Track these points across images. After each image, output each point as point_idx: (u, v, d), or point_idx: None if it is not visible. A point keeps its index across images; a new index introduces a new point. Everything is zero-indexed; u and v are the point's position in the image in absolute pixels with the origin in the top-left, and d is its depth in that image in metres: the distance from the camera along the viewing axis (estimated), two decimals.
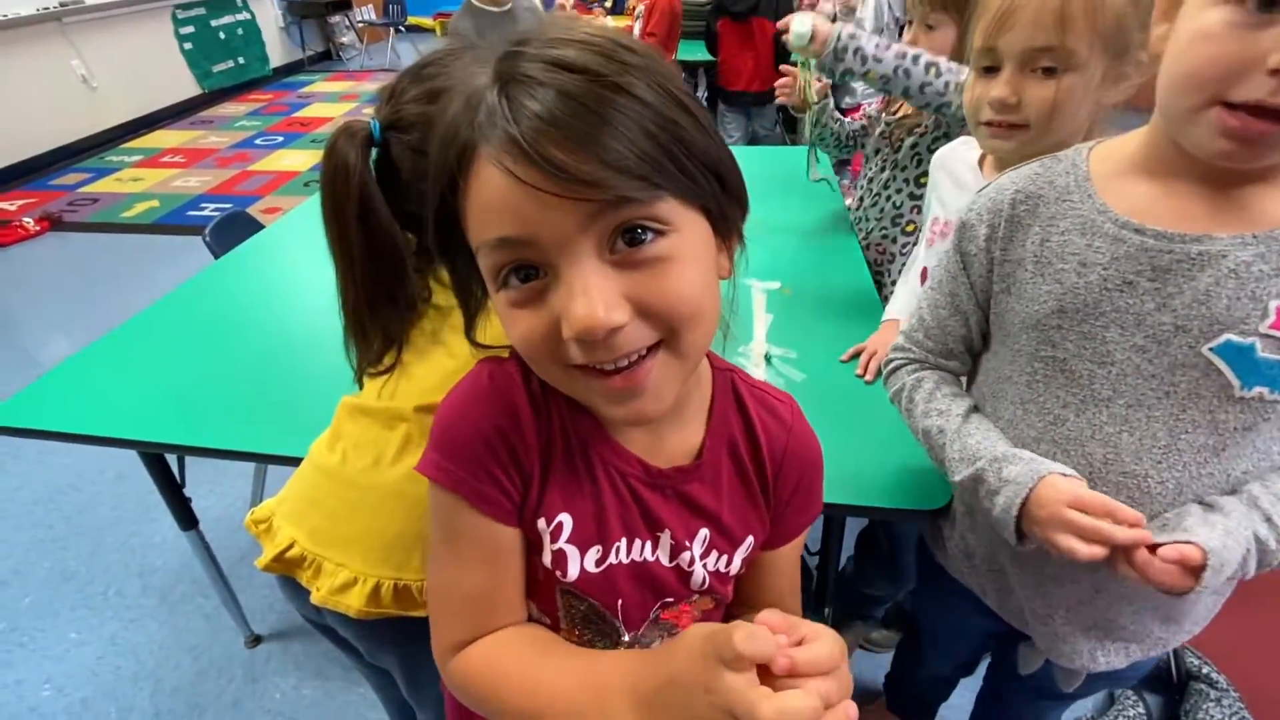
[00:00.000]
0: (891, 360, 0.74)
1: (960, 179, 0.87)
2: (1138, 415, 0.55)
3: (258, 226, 1.60)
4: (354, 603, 0.63)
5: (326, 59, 6.80)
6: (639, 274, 0.35)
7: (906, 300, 1.03)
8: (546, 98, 0.32)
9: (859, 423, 0.90)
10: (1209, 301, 0.50)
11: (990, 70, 0.72)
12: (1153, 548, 0.51)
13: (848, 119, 1.37)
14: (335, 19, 6.75)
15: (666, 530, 0.48)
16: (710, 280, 0.40)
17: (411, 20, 7.55)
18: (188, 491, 1.17)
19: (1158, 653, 0.68)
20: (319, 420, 0.72)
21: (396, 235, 0.55)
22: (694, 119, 0.36)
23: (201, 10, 5.30)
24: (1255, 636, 1.33)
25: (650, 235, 0.35)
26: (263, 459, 0.92)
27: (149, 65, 4.79)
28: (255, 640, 1.38)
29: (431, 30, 7.70)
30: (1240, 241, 0.49)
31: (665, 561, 0.48)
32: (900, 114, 1.20)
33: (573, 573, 0.46)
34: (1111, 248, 0.53)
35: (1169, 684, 1.24)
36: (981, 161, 0.85)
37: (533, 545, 0.46)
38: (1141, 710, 1.25)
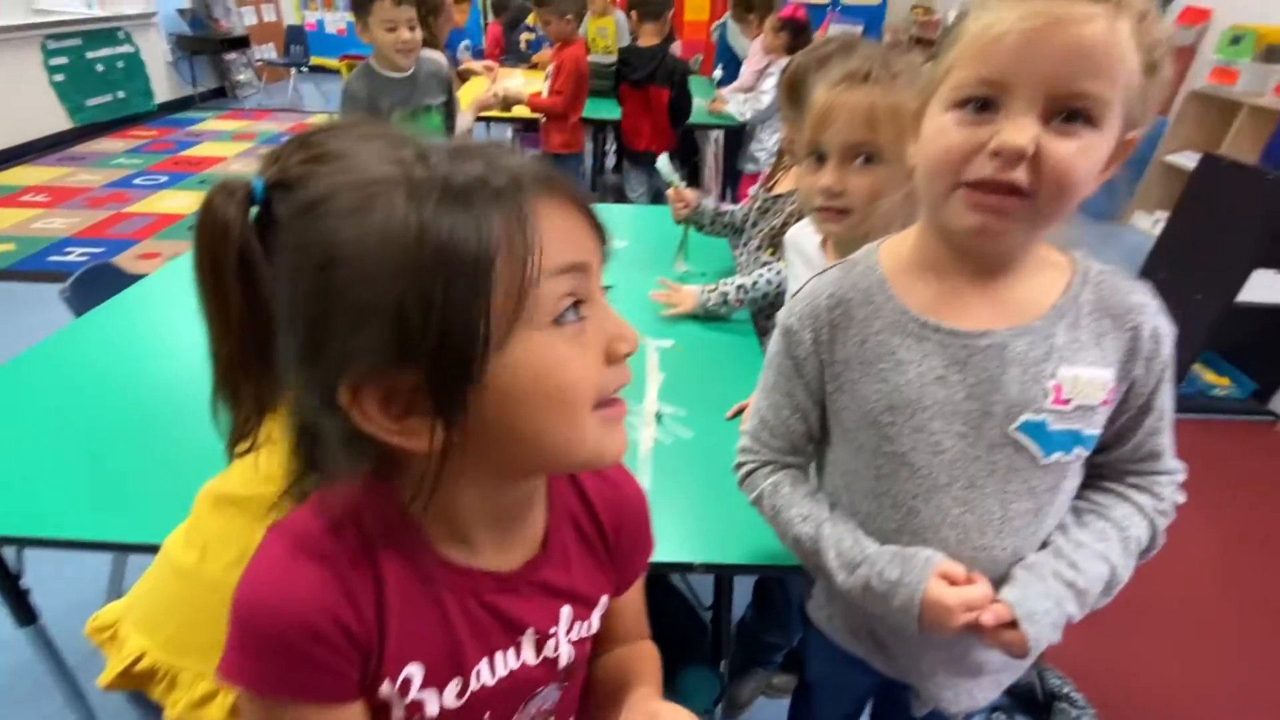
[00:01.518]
0: (743, 464, 0.76)
1: (810, 258, 0.96)
2: (973, 495, 0.61)
3: (126, 280, 1.49)
4: (216, 717, 0.59)
5: (220, 96, 6.49)
6: None
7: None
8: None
9: None
10: (1004, 388, 0.58)
11: (819, 160, 0.83)
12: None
13: (731, 207, 1.53)
14: (231, 56, 6.48)
15: (529, 628, 0.48)
16: None
17: (316, 61, 7.38)
18: (29, 580, 1.04)
19: (1023, 673, 0.76)
20: (187, 503, 0.67)
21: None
22: None
23: (77, 41, 4.94)
24: (1106, 657, 1.48)
25: None
26: (118, 548, 0.84)
27: (11, 96, 4.38)
28: None
29: (337, 71, 7.56)
30: (1014, 333, 0.58)
31: (532, 660, 0.49)
32: (775, 190, 1.31)
33: (431, 712, 0.45)
34: (919, 345, 0.60)
35: (1035, 704, 1.35)
36: (824, 243, 0.94)
37: (381, 707, 0.43)
38: None
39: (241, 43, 6.46)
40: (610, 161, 3.93)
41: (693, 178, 4.00)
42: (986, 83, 0.50)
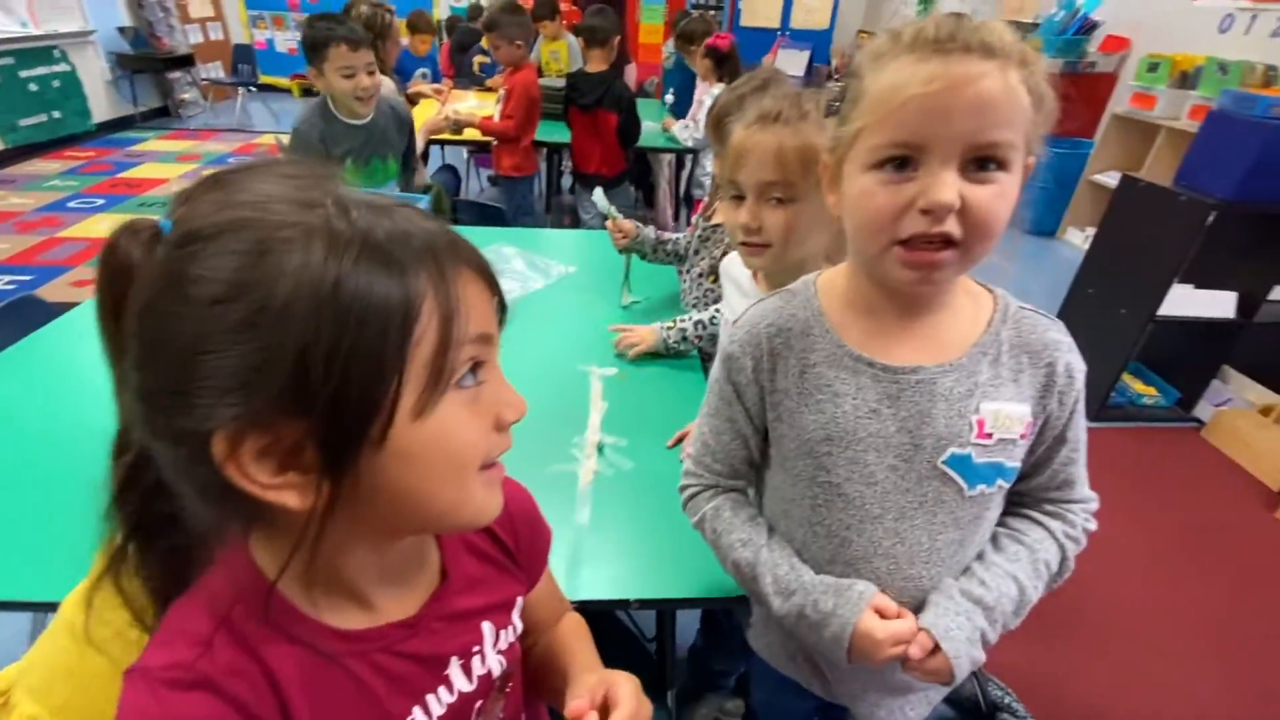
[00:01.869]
0: (686, 488, 0.77)
1: (743, 288, 0.99)
2: (904, 526, 0.63)
3: (50, 313, 1.42)
4: None
5: (164, 115, 6.30)
6: None
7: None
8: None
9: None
10: (932, 422, 0.60)
11: (738, 198, 0.86)
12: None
13: (673, 235, 1.55)
14: (175, 75, 6.31)
15: (452, 659, 0.48)
16: None
17: (265, 80, 7.25)
18: None
19: (953, 687, 0.77)
20: None
21: None
22: None
23: (9, 60, 4.75)
24: (1043, 666, 1.53)
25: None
26: (34, 608, 0.80)
27: None
28: None
29: (288, 90, 7.44)
30: (942, 370, 0.60)
31: (467, 687, 0.49)
32: (714, 219, 1.34)
33: None
34: (854, 379, 0.62)
35: (979, 715, 1.39)
36: (755, 274, 0.97)
37: None
38: None
39: (186, 61, 6.29)
40: (567, 182, 3.95)
41: (648, 200, 4.05)
42: (903, 145, 0.52)
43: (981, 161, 0.52)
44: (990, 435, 0.60)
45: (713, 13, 6.44)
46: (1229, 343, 2.42)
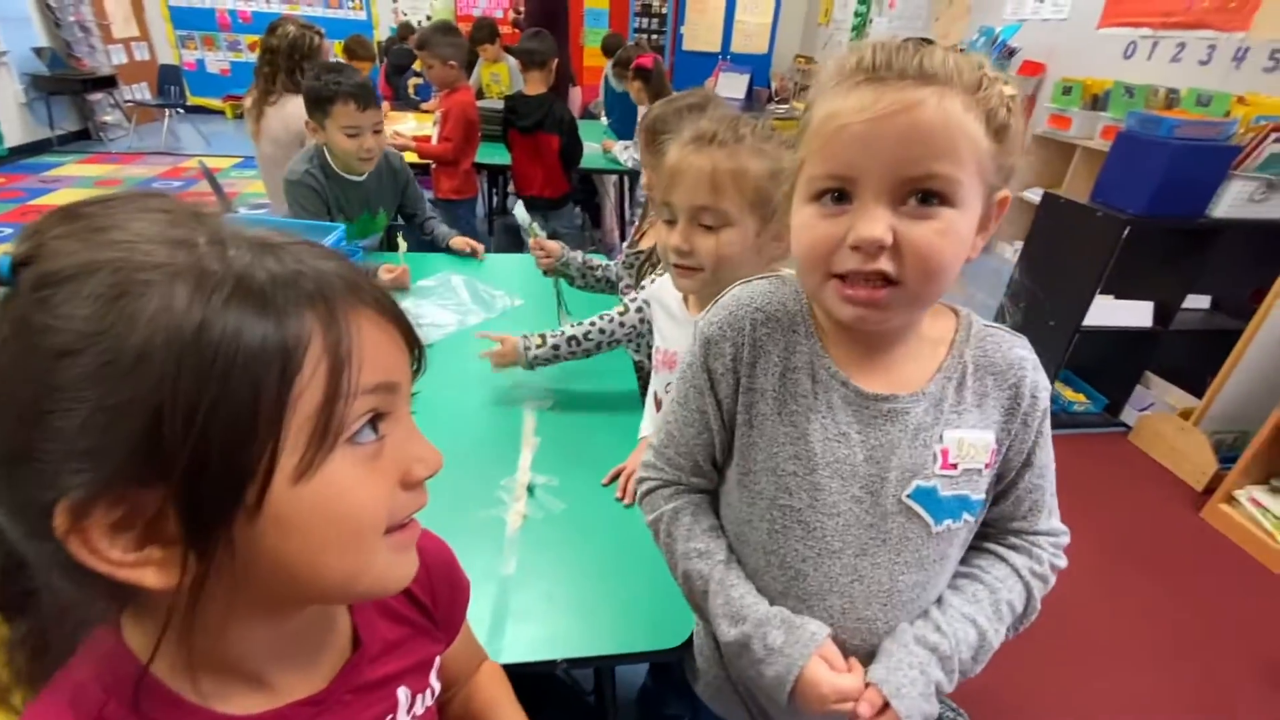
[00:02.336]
0: (644, 480, 0.71)
1: (672, 312, 0.96)
2: (864, 564, 0.59)
3: None
4: None
5: (84, 139, 5.98)
6: None
7: (654, 418, 1.09)
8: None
9: (618, 554, 0.90)
10: (899, 452, 0.57)
11: (671, 221, 0.84)
12: None
13: (601, 261, 1.51)
14: (96, 97, 6.00)
15: None
16: None
17: (195, 101, 6.99)
18: None
19: None
20: None
21: None
22: None
23: None
24: (987, 678, 1.53)
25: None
26: None
27: None
28: None
29: (220, 112, 7.17)
30: (914, 399, 0.57)
31: None
32: (639, 246, 1.32)
33: None
34: (826, 395, 0.59)
35: None
36: (686, 298, 0.95)
37: None
38: None
39: (108, 82, 6.00)
40: (511, 203, 3.90)
41: (594, 221, 4.04)
42: (836, 176, 0.50)
43: (924, 196, 0.48)
44: (955, 465, 0.57)
45: (655, 37, 6.54)
46: (1149, 349, 2.54)
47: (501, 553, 0.88)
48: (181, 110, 6.47)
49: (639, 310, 1.17)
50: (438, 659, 0.53)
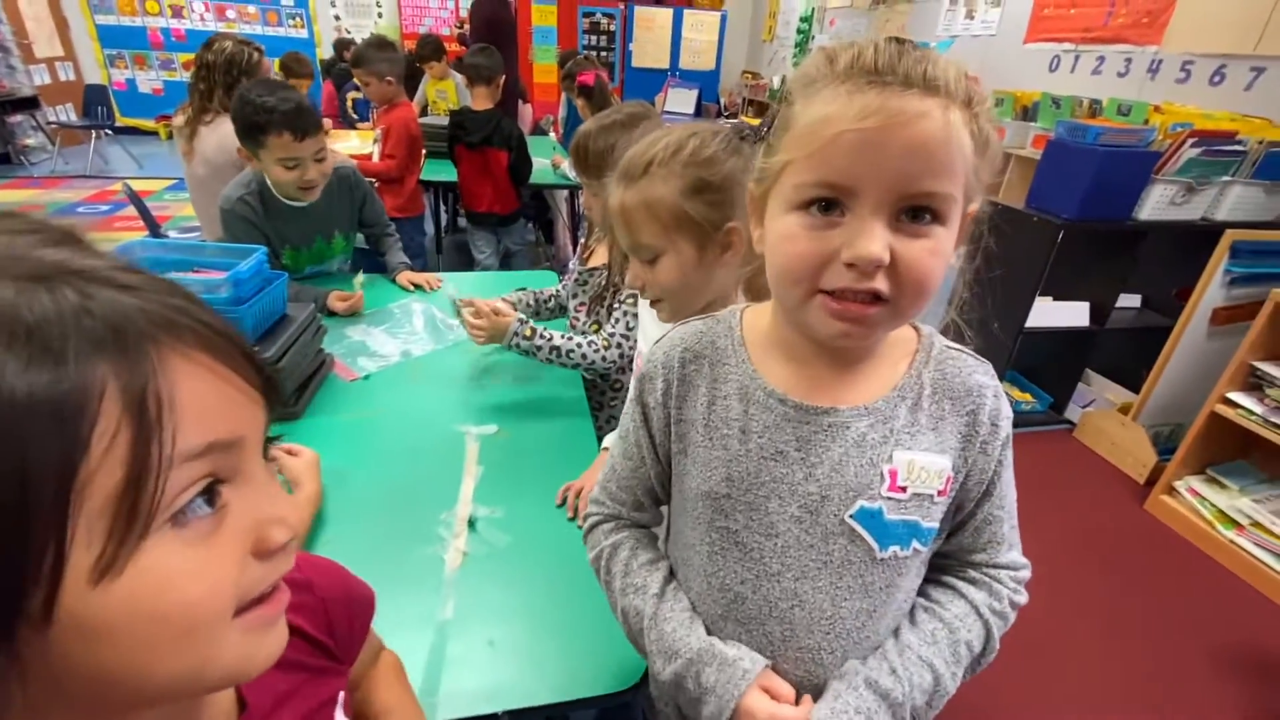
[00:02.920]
0: (589, 515, 0.71)
1: (652, 319, 0.96)
2: (804, 588, 0.57)
3: None
4: None
5: (4, 163, 5.65)
6: None
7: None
8: None
9: (566, 590, 0.85)
10: (842, 470, 0.54)
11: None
12: None
13: (554, 291, 1.48)
14: (16, 119, 5.69)
15: None
16: None
17: (126, 121, 6.69)
18: None
19: None
20: None
21: None
22: None
23: None
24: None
25: None
26: None
27: None
28: None
29: (153, 133, 6.88)
30: (857, 413, 0.55)
31: None
32: (590, 264, 1.29)
33: None
34: (764, 416, 0.56)
35: None
36: None
37: None
38: None
39: (29, 103, 5.69)
40: (463, 222, 3.84)
41: (547, 236, 4.00)
42: (830, 186, 0.47)
43: (915, 212, 0.46)
44: (904, 489, 0.54)
45: (605, 54, 6.58)
46: (1088, 348, 2.63)
47: (439, 594, 0.82)
48: (110, 131, 6.18)
49: (618, 347, 1.19)
50: (340, 697, 0.48)
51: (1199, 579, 1.93)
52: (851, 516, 0.55)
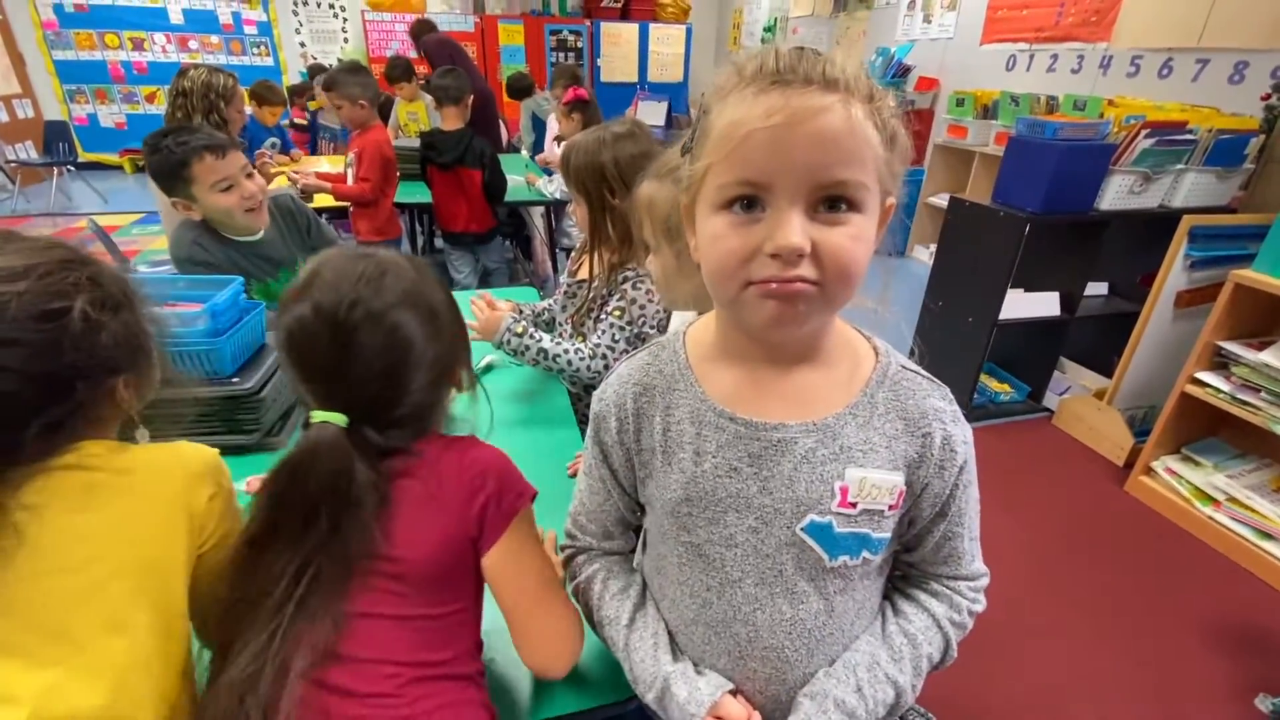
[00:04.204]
0: (564, 549, 0.74)
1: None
2: (764, 593, 0.59)
3: None
4: None
5: None
6: None
7: None
8: None
9: None
10: (793, 485, 0.56)
11: None
12: None
13: (543, 305, 1.50)
14: None
15: None
16: None
17: (89, 157, 6.58)
18: None
19: None
20: None
21: None
22: None
23: None
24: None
25: None
26: None
27: None
28: None
29: (118, 167, 6.77)
30: (805, 429, 0.56)
31: None
32: (579, 275, 1.31)
33: None
34: (716, 435, 0.58)
35: None
36: None
37: None
38: None
39: None
40: (440, 242, 3.83)
41: (525, 253, 4.00)
42: (747, 183, 0.49)
43: (832, 202, 0.48)
44: (854, 505, 0.56)
45: (576, 65, 6.64)
46: (1061, 337, 2.70)
47: None
48: (73, 168, 6.07)
49: (604, 358, 1.21)
50: None
51: (1181, 556, 1.97)
52: (802, 529, 0.57)
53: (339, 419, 0.61)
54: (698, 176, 0.53)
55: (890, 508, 0.57)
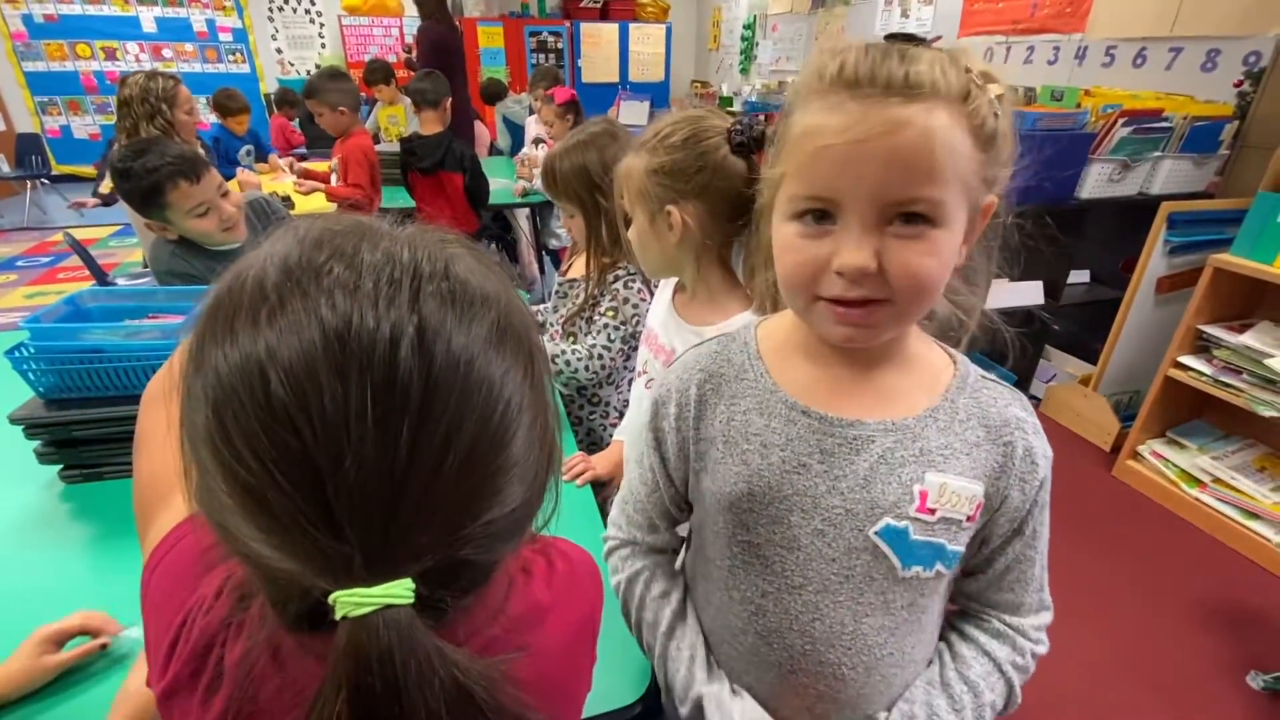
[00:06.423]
0: (607, 539, 0.72)
1: (661, 295, 1.00)
2: (825, 601, 0.56)
3: None
4: None
5: None
6: None
7: (632, 418, 1.11)
8: None
9: None
10: (868, 485, 0.53)
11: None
12: None
13: (539, 307, 1.49)
14: None
15: None
16: None
17: (62, 169, 6.46)
18: None
19: None
20: None
21: None
22: None
23: None
24: None
25: None
26: None
27: None
28: None
29: (93, 179, 6.65)
30: (883, 428, 0.54)
31: None
32: (570, 276, 1.31)
33: None
34: (786, 429, 0.56)
35: None
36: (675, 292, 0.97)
37: None
38: None
39: None
40: None
41: (510, 256, 3.98)
42: (816, 198, 0.48)
43: (908, 216, 0.46)
44: (933, 511, 0.53)
45: (556, 66, 6.63)
46: (1045, 325, 2.72)
47: None
48: (46, 181, 5.96)
49: (599, 359, 1.22)
50: None
51: (1170, 538, 2.00)
52: (876, 533, 0.54)
53: (403, 592, 0.31)
54: (774, 181, 0.52)
55: (968, 519, 0.55)
